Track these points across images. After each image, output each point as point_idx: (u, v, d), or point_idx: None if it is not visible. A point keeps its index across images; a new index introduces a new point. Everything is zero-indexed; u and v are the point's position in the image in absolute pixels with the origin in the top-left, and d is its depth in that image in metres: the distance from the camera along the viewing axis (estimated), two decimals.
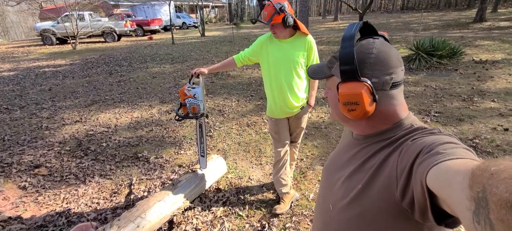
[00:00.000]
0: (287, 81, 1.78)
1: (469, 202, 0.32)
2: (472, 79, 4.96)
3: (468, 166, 0.37)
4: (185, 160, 2.95)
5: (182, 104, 1.87)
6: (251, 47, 1.89)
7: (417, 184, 0.45)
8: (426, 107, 3.87)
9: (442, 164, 0.41)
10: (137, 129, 3.76)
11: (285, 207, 2.09)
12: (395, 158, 0.54)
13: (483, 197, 0.30)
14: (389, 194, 0.52)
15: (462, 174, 0.36)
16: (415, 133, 0.57)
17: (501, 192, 0.27)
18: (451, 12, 23.40)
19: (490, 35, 9.24)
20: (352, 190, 0.61)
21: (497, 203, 0.27)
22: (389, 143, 0.59)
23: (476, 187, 0.31)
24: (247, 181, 2.54)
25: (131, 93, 5.43)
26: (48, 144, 3.37)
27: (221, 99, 4.84)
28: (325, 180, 0.78)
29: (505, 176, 0.28)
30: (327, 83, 0.70)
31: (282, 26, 1.64)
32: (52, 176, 2.70)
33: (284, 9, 1.59)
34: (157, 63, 8.30)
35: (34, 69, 8.08)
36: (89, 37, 15.14)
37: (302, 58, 1.76)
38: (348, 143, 0.75)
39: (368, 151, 0.63)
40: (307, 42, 1.76)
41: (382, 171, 0.56)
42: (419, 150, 0.49)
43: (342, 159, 0.73)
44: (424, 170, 0.44)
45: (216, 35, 16.38)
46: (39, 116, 4.33)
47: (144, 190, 2.46)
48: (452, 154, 0.43)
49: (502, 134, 3.03)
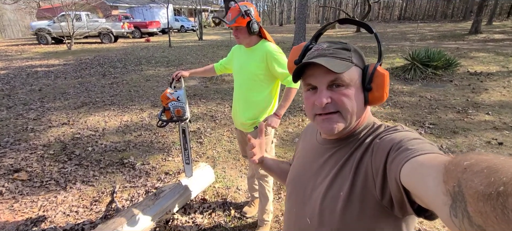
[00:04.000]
0: (242, 92, 1.67)
1: (445, 197, 0.33)
2: (466, 91, 4.94)
3: (439, 160, 0.38)
4: (172, 167, 2.85)
5: (165, 109, 1.80)
6: (227, 56, 1.86)
7: (392, 181, 0.46)
8: (420, 119, 3.82)
9: (413, 160, 0.43)
10: (125, 133, 3.66)
11: (253, 211, 2.10)
12: (368, 158, 0.55)
13: (459, 191, 0.31)
14: (370, 195, 0.53)
15: (435, 169, 0.37)
16: (381, 131, 0.59)
17: (476, 185, 0.28)
18: (447, 23, 23.70)
19: (485, 47, 9.31)
20: (336, 199, 0.58)
21: (474, 196, 0.28)
22: (359, 144, 0.59)
23: (451, 182, 0.32)
24: (234, 191, 2.45)
25: (123, 96, 5.33)
26: (31, 147, 3.25)
27: (214, 104, 4.76)
28: (295, 193, 0.72)
29: (478, 170, 0.30)
30: (343, 77, 0.57)
31: (246, 32, 1.52)
32: (32, 181, 2.58)
33: (250, 13, 1.50)
34: (152, 66, 8.21)
35: (26, 69, 7.93)
36: (85, 38, 15.03)
37: (260, 69, 1.56)
38: (313, 150, 0.71)
39: (341, 155, 0.62)
40: (265, 51, 1.54)
41: (360, 174, 0.56)
42: (389, 147, 0.50)
43: (311, 168, 0.69)
44: (397, 167, 0.45)
45: (213, 39, 16.35)
46: (26, 117, 4.21)
47: (127, 198, 2.36)
48: (421, 149, 0.45)
49: (496, 148, 2.99)
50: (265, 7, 48.12)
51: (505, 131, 3.34)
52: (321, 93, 0.58)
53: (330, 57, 0.57)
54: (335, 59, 0.57)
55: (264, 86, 1.64)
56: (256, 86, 1.63)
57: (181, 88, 1.82)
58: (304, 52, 0.65)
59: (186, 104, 1.82)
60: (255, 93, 1.65)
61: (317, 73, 0.58)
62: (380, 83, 0.57)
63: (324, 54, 0.58)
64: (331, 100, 0.58)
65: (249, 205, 2.17)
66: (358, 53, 0.61)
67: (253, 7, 1.56)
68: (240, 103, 1.71)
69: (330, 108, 0.58)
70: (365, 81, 0.59)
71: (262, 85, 1.63)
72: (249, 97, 1.66)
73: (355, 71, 0.58)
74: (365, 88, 0.59)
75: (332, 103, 0.58)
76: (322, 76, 0.57)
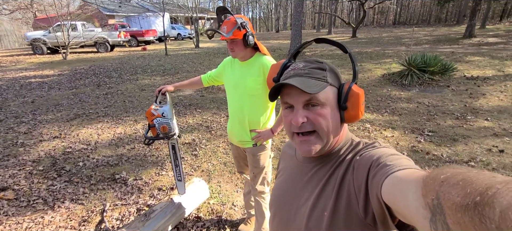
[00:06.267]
0: (239, 108, 1.59)
1: (425, 211, 0.34)
2: (464, 96, 4.91)
3: (416, 176, 0.39)
4: (166, 182, 2.76)
5: (151, 126, 1.72)
6: (217, 68, 1.77)
7: (374, 198, 0.47)
8: (419, 126, 3.77)
9: (392, 175, 0.44)
10: (118, 146, 3.56)
11: (249, 229, 2.00)
12: (350, 176, 0.56)
13: (438, 204, 0.31)
14: (354, 213, 0.53)
15: (414, 184, 0.38)
16: (360, 148, 0.60)
17: (453, 197, 0.29)
18: (441, 27, 23.97)
19: (480, 51, 9.36)
20: (321, 219, 0.58)
21: (452, 208, 0.29)
22: (340, 161, 0.60)
23: (430, 195, 0.33)
24: (230, 207, 2.35)
25: (117, 106, 5.24)
26: (20, 163, 3.14)
27: (210, 114, 4.68)
28: (279, 213, 0.72)
29: (454, 182, 0.31)
30: (318, 97, 0.57)
31: (241, 45, 1.46)
32: (18, 201, 2.47)
33: (246, 26, 1.44)
34: (148, 75, 8.14)
35: (19, 80, 7.83)
36: (81, 47, 14.96)
37: (258, 83, 1.52)
38: (294, 168, 0.71)
39: (323, 173, 0.62)
40: (262, 64, 1.50)
41: (343, 193, 0.56)
42: (369, 164, 0.51)
43: (294, 187, 0.69)
44: (377, 183, 0.46)
45: (210, 46, 16.35)
46: (16, 131, 4.10)
47: (118, 217, 2.26)
48: (399, 165, 0.46)
49: (497, 155, 2.93)
50: (261, 14, 48.54)
51: (506, 138, 3.29)
52: (297, 112, 0.59)
53: (305, 77, 0.58)
54: (310, 79, 0.58)
55: (263, 102, 1.57)
56: (255, 102, 1.56)
57: (166, 104, 1.74)
58: (282, 70, 0.66)
59: (173, 120, 1.74)
60: (254, 111, 1.58)
61: (293, 92, 0.59)
62: (355, 102, 0.58)
63: (300, 74, 0.59)
64: (307, 119, 0.58)
65: (245, 222, 2.08)
66: (333, 72, 0.62)
67: (248, 20, 1.50)
68: (238, 121, 1.62)
69: (306, 128, 0.59)
70: (340, 100, 0.59)
71: (260, 101, 1.56)
72: (249, 115, 1.58)
73: (330, 90, 0.59)
74: (341, 107, 0.59)
75: (308, 122, 0.58)
76: (298, 95, 0.58)
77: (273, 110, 1.68)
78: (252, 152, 1.65)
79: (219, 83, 1.82)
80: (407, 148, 3.22)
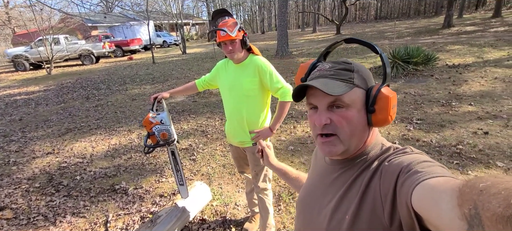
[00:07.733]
0: (237, 109, 1.64)
1: (461, 221, 0.32)
2: (448, 84, 5.13)
3: (451, 184, 0.37)
4: (167, 188, 2.77)
5: (150, 134, 1.74)
6: (210, 72, 1.82)
7: (403, 206, 0.45)
8: (408, 115, 3.92)
9: (424, 183, 0.41)
10: (114, 157, 3.54)
11: (255, 227, 2.05)
12: (376, 181, 0.53)
13: (476, 214, 0.30)
14: (378, 220, 0.51)
15: (449, 193, 0.35)
16: (389, 153, 0.57)
17: (494, 207, 0.28)
18: (420, 19, 24.73)
19: (459, 40, 9.76)
20: (342, 222, 0.57)
21: (492, 218, 0.28)
22: (367, 166, 0.58)
23: (467, 205, 0.31)
24: (233, 207, 2.40)
25: (109, 118, 5.18)
26: (15, 182, 3.08)
27: (204, 118, 4.70)
28: (303, 213, 0.72)
29: (495, 191, 0.29)
30: (342, 99, 0.56)
31: (240, 46, 1.52)
32: (18, 219, 2.44)
33: (243, 27, 1.53)
34: (137, 84, 8.07)
35: (4, 98, 7.61)
36: (65, 61, 14.63)
37: (254, 84, 1.57)
38: (322, 169, 0.71)
39: (348, 176, 0.60)
40: (256, 65, 1.56)
41: (367, 198, 0.54)
42: (398, 170, 0.49)
43: (319, 188, 0.69)
44: (407, 190, 0.43)
45: (197, 51, 16.32)
46: (7, 150, 4.01)
47: (122, 227, 2.26)
48: (431, 172, 0.43)
49: (483, 137, 3.09)
50: (245, 16, 48.67)
51: (489, 120, 3.48)
52: (320, 114, 0.58)
53: (330, 79, 0.57)
54: (335, 81, 0.57)
55: (259, 102, 1.63)
56: (252, 102, 1.61)
57: (163, 111, 1.77)
58: (310, 70, 0.66)
59: (171, 126, 1.77)
60: (252, 111, 1.63)
61: (317, 93, 0.58)
62: (384, 105, 0.55)
63: (325, 75, 0.58)
64: (330, 121, 0.57)
65: (249, 221, 2.13)
66: (362, 74, 0.59)
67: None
68: (237, 123, 1.67)
69: (328, 130, 0.58)
70: (368, 102, 0.57)
71: (257, 101, 1.62)
72: (247, 116, 1.63)
73: (357, 92, 0.57)
74: (368, 110, 0.57)
75: (331, 124, 0.58)
76: (322, 97, 0.57)
77: (268, 109, 1.74)
78: (252, 151, 1.70)
79: (214, 87, 1.87)
80: (398, 136, 3.35)
